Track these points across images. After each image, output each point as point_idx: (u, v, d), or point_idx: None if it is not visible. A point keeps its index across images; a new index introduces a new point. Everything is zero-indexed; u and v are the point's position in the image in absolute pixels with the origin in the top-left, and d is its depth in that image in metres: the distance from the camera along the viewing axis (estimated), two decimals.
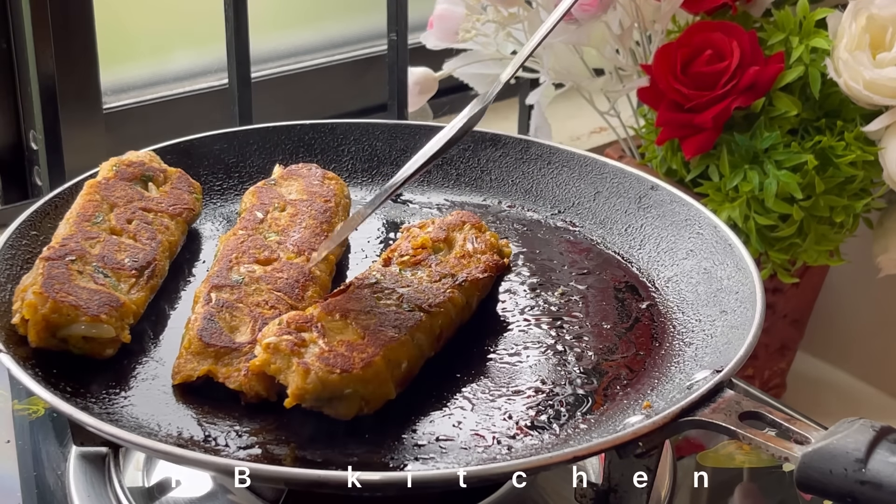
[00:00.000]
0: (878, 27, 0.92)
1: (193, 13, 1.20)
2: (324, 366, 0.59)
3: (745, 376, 1.11)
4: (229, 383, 0.62)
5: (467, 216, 0.77)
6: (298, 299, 0.69)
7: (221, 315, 0.66)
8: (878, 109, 0.93)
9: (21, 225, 0.73)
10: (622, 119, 1.09)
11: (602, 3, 0.94)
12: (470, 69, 1.13)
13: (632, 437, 0.58)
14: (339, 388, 0.60)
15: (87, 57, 1.01)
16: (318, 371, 0.59)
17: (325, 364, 0.59)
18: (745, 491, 0.75)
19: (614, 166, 0.86)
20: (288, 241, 0.74)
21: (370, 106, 1.29)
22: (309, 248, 0.74)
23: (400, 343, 0.63)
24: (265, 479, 0.60)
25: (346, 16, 1.34)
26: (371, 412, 0.61)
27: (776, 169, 0.93)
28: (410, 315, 0.66)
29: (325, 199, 0.79)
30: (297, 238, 0.75)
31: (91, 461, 0.70)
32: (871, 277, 1.04)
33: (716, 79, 0.94)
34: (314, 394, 0.59)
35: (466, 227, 0.76)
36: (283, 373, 0.60)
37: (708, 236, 0.77)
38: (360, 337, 0.63)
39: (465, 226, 0.76)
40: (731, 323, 0.68)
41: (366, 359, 0.61)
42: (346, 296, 0.66)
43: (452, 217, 0.77)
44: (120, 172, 0.77)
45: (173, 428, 0.60)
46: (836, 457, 0.54)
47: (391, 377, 0.62)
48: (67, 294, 0.64)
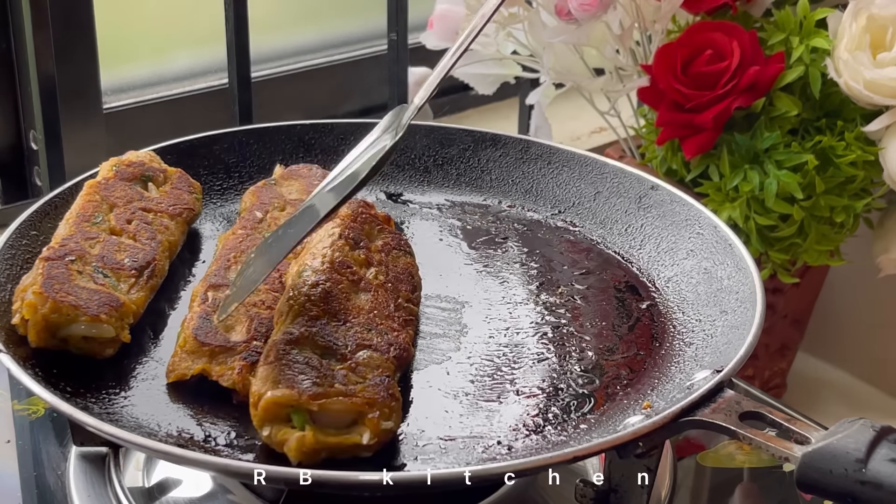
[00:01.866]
0: (878, 27, 0.92)
1: (193, 13, 1.20)
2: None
3: (745, 376, 1.11)
4: (223, 381, 0.62)
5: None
6: None
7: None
8: (879, 109, 0.93)
9: (21, 225, 0.73)
10: (622, 119, 1.09)
11: (602, 3, 0.94)
12: (470, 69, 1.13)
13: (632, 437, 0.58)
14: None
15: (87, 57, 1.01)
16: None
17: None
18: (745, 491, 0.75)
19: (614, 166, 0.86)
20: None
21: (370, 106, 1.29)
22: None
23: None
24: (265, 479, 0.60)
25: (346, 16, 1.34)
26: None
27: (776, 169, 0.93)
28: None
29: None
30: None
31: (91, 461, 0.70)
32: (871, 277, 1.04)
33: (716, 79, 0.94)
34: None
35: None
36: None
37: (708, 236, 0.77)
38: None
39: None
40: (732, 323, 0.68)
41: None
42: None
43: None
44: (120, 172, 0.77)
45: (173, 428, 0.60)
46: (836, 457, 0.54)
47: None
48: (67, 294, 0.64)
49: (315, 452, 0.57)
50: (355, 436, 0.58)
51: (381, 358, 0.62)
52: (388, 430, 0.58)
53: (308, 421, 0.58)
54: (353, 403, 0.58)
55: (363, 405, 0.58)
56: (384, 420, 0.58)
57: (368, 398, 0.58)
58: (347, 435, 0.58)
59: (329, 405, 0.58)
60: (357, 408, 0.58)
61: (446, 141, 0.91)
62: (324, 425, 0.58)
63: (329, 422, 0.58)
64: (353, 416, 0.58)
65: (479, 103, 1.41)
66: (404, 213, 0.86)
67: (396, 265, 0.72)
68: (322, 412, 0.58)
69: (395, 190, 0.89)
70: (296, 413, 0.58)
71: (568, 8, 0.95)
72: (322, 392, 0.58)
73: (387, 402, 0.59)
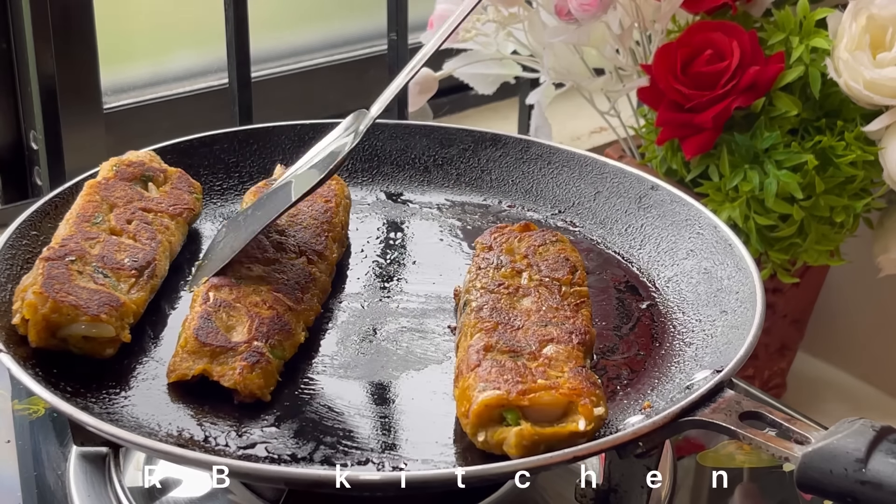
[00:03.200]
0: (878, 27, 0.92)
1: (193, 13, 1.20)
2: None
3: (745, 376, 1.11)
4: (224, 381, 0.62)
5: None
6: (297, 301, 0.69)
7: (218, 315, 0.66)
8: (879, 109, 0.93)
9: (21, 225, 0.73)
10: (622, 119, 1.09)
11: (602, 3, 0.94)
12: (470, 69, 1.13)
13: (632, 437, 0.58)
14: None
15: (87, 57, 1.01)
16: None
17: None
18: (745, 491, 0.75)
19: (614, 166, 0.86)
20: (288, 241, 0.74)
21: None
22: (310, 249, 0.74)
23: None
24: (265, 479, 0.60)
25: (346, 16, 1.34)
26: None
27: (776, 169, 0.93)
28: None
29: (326, 199, 0.79)
30: (298, 238, 0.74)
31: (91, 461, 0.70)
32: (871, 277, 1.04)
33: (716, 79, 0.94)
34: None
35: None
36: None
37: (708, 236, 0.77)
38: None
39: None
40: (732, 323, 0.68)
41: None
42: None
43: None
44: (120, 172, 0.77)
45: (173, 428, 0.60)
46: (836, 457, 0.54)
47: None
48: (67, 294, 0.64)
49: (535, 445, 0.58)
50: (571, 424, 0.58)
51: (567, 348, 0.63)
52: (600, 416, 0.59)
53: (521, 417, 0.58)
54: (561, 394, 0.59)
55: (571, 394, 0.59)
56: (595, 406, 0.59)
57: (573, 388, 0.59)
58: (563, 425, 0.58)
59: (538, 399, 0.59)
60: (566, 398, 0.59)
61: (446, 141, 0.91)
62: (536, 420, 0.59)
63: (540, 416, 0.59)
64: (563, 408, 0.59)
65: (479, 103, 1.41)
66: (404, 213, 0.86)
67: (546, 258, 0.72)
68: (532, 407, 0.59)
69: (395, 190, 0.89)
70: (508, 412, 0.58)
71: (568, 8, 0.95)
72: (528, 388, 0.59)
73: (592, 390, 0.60)
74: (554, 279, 0.70)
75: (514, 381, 0.60)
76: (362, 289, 0.76)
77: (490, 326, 0.65)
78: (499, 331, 0.65)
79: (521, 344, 0.64)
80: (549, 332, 0.65)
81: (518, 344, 0.64)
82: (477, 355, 0.62)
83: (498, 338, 0.64)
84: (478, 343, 0.64)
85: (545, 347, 0.63)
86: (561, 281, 0.70)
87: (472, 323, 0.66)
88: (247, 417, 0.62)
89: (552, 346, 0.63)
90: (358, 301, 0.74)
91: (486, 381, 0.60)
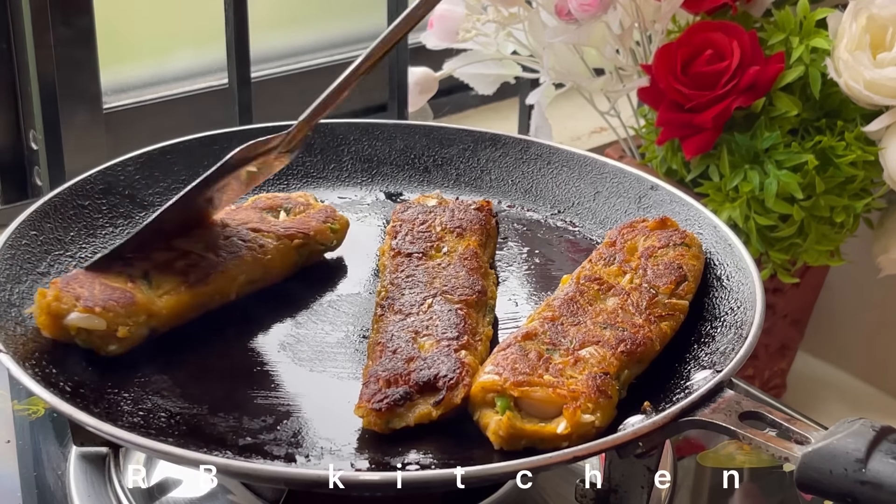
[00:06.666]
0: (878, 27, 0.92)
1: (193, 13, 1.20)
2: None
3: (745, 376, 1.11)
4: None
5: None
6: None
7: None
8: (879, 109, 0.93)
9: (21, 225, 0.73)
10: (622, 119, 1.09)
11: (602, 3, 0.94)
12: (470, 69, 1.13)
13: (632, 437, 0.58)
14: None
15: (87, 57, 1.01)
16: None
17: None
18: (745, 491, 0.75)
19: (614, 166, 0.86)
20: None
21: (370, 106, 1.29)
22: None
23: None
24: (264, 479, 0.60)
25: (346, 16, 1.35)
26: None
27: (776, 169, 0.93)
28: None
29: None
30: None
31: (91, 461, 0.70)
32: (871, 277, 1.04)
33: (716, 79, 0.94)
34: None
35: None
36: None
37: (708, 236, 0.77)
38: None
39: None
40: (732, 323, 0.68)
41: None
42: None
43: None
44: (255, 202, 0.78)
45: (173, 428, 0.60)
46: (836, 457, 0.54)
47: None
48: (77, 286, 0.64)
49: (513, 438, 0.58)
50: (551, 425, 0.58)
51: (604, 353, 0.62)
52: (587, 423, 0.58)
53: (511, 407, 0.59)
54: (554, 394, 0.59)
55: (564, 396, 0.59)
56: (585, 413, 0.58)
57: (573, 391, 0.59)
58: (544, 424, 0.58)
59: (529, 392, 0.59)
60: (558, 398, 0.59)
61: (446, 141, 0.91)
62: (528, 414, 0.59)
63: (533, 411, 0.59)
64: (556, 408, 0.59)
65: (479, 103, 1.41)
66: None
67: (658, 263, 0.71)
68: (523, 399, 0.59)
69: (395, 190, 0.89)
70: (500, 398, 0.59)
71: (568, 8, 0.95)
72: (526, 380, 0.59)
73: (592, 396, 0.59)
74: (653, 286, 0.69)
75: (520, 371, 0.60)
76: (362, 289, 0.76)
77: (549, 316, 0.65)
78: (555, 322, 0.65)
79: (564, 339, 0.63)
80: (600, 335, 0.64)
81: (561, 338, 0.63)
82: (514, 340, 0.63)
83: (548, 328, 0.64)
84: (527, 328, 0.64)
85: (585, 348, 0.63)
86: (659, 289, 0.69)
87: (541, 309, 0.67)
88: (247, 417, 0.62)
89: (593, 348, 0.63)
90: (358, 301, 0.74)
91: (495, 365, 0.61)
